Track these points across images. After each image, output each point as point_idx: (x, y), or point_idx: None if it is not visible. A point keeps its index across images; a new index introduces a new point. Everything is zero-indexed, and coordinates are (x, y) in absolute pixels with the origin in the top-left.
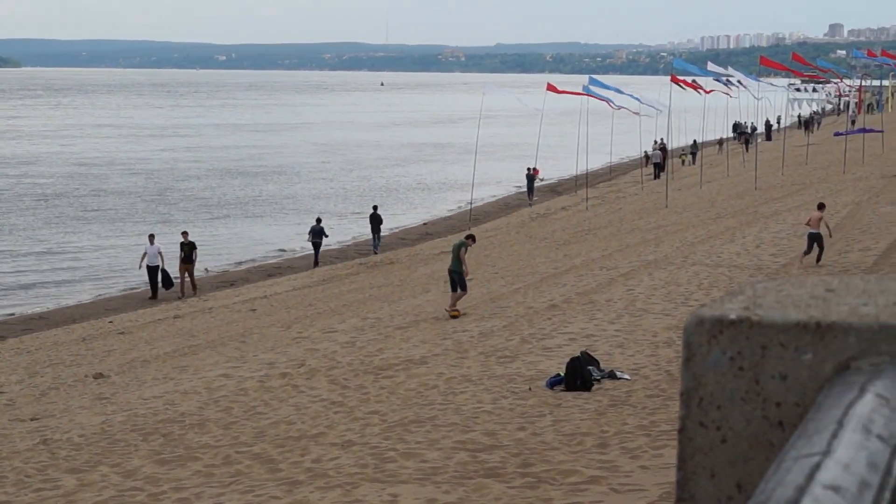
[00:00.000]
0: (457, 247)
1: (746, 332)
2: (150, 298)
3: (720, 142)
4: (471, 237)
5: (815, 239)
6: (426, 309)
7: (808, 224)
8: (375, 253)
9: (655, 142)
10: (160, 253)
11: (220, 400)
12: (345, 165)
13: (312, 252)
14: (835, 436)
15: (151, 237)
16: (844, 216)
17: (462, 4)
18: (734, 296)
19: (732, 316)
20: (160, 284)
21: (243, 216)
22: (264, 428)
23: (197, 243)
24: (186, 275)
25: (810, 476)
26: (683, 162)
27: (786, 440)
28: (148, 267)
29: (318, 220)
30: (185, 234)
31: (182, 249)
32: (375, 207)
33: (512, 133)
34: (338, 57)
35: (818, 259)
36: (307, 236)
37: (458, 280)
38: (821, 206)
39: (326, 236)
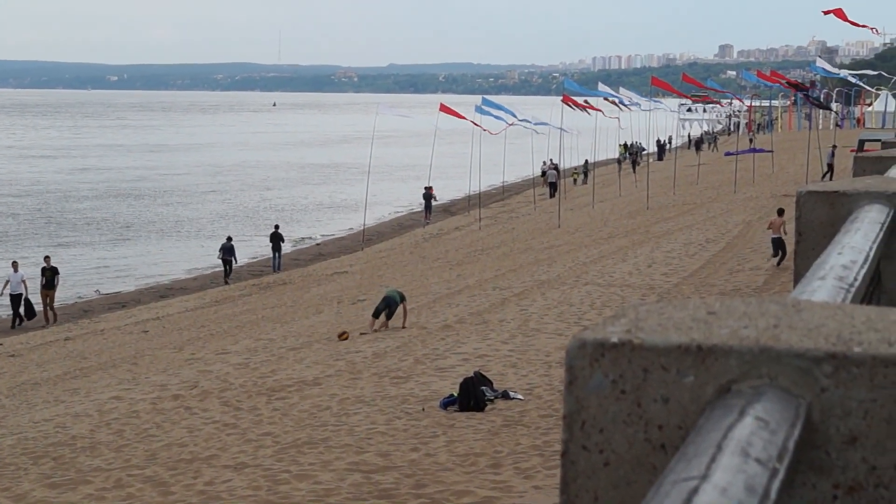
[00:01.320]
0: (399, 298)
1: (628, 355)
2: (11, 328)
3: (619, 161)
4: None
5: (777, 244)
6: (319, 330)
7: (769, 229)
8: (277, 272)
9: (545, 162)
10: (24, 281)
11: (112, 422)
12: (237, 186)
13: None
14: (713, 459)
15: (14, 264)
16: (735, 235)
17: (355, 25)
18: (616, 318)
19: (614, 339)
20: (23, 314)
21: (133, 238)
22: (156, 450)
23: (88, 265)
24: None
25: (688, 500)
26: (575, 181)
27: (668, 463)
28: (11, 295)
29: (229, 239)
30: (47, 258)
31: (43, 275)
32: (277, 227)
33: (405, 153)
34: (230, 77)
35: (779, 263)
36: (218, 253)
37: (393, 309)
38: (780, 212)
39: (235, 261)
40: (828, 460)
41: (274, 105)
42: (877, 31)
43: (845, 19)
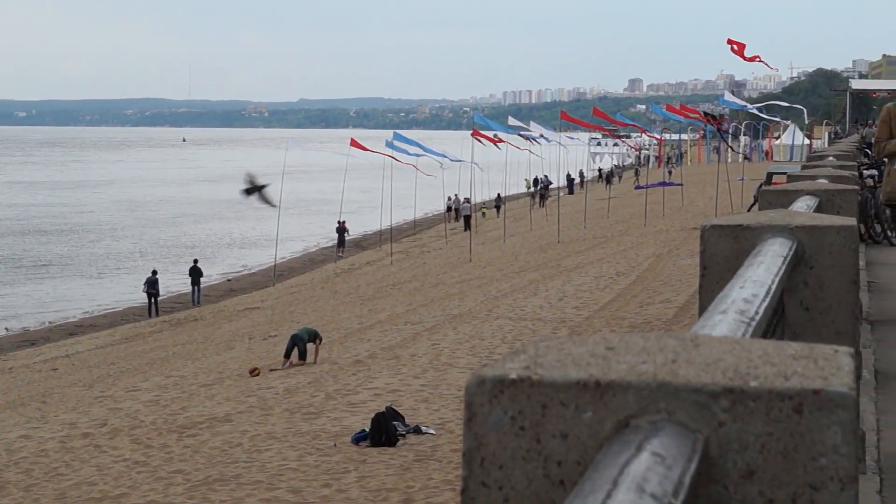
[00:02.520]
0: (307, 336)
1: (527, 391)
2: None
3: (532, 195)
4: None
5: None
6: (230, 366)
7: None
8: (196, 305)
9: (450, 197)
10: None
11: (21, 462)
12: (147, 223)
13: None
14: (609, 496)
15: None
16: (646, 269)
17: (265, 60)
18: (516, 355)
19: (513, 375)
20: None
21: (42, 275)
22: (66, 489)
23: None
24: None
25: None
26: (484, 214)
27: (566, 500)
28: None
29: (154, 272)
30: None
31: None
32: (196, 261)
33: (316, 188)
34: (140, 113)
35: None
36: (143, 287)
37: (301, 348)
38: None
39: (158, 293)
40: (725, 494)
41: (184, 140)
42: (767, 64)
43: (742, 56)
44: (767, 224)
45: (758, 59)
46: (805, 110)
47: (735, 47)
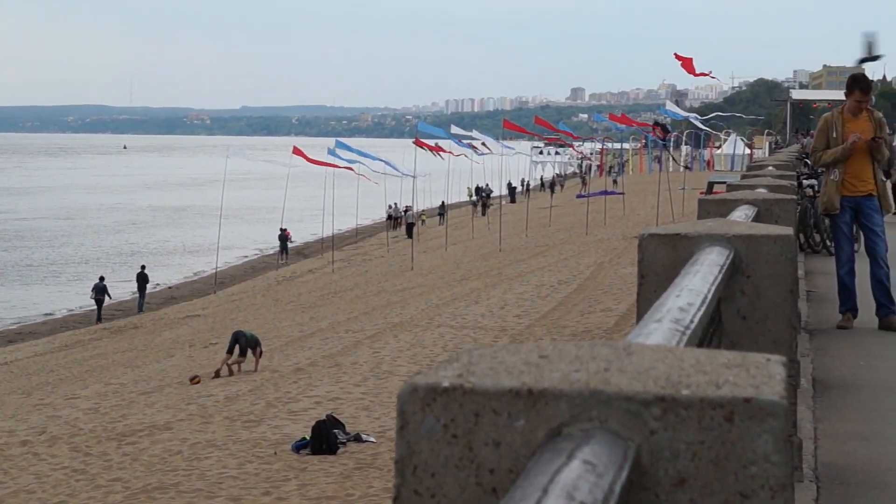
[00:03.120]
0: (253, 341)
1: (460, 399)
2: None
3: (474, 203)
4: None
5: None
6: (171, 374)
7: None
8: (140, 312)
9: (390, 206)
10: None
11: None
12: (87, 230)
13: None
14: (538, 503)
15: None
16: (587, 277)
17: (207, 67)
18: (449, 363)
19: (446, 384)
20: None
21: None
22: (3, 497)
23: None
24: None
25: None
26: (423, 221)
27: None
28: None
29: (101, 279)
30: None
31: None
32: (143, 267)
33: (258, 196)
34: (81, 119)
35: None
36: (91, 293)
37: (243, 344)
38: None
39: (110, 297)
40: (657, 502)
41: (125, 147)
42: (714, 76)
43: (692, 71)
44: (705, 233)
45: (709, 75)
46: (742, 117)
47: (682, 63)
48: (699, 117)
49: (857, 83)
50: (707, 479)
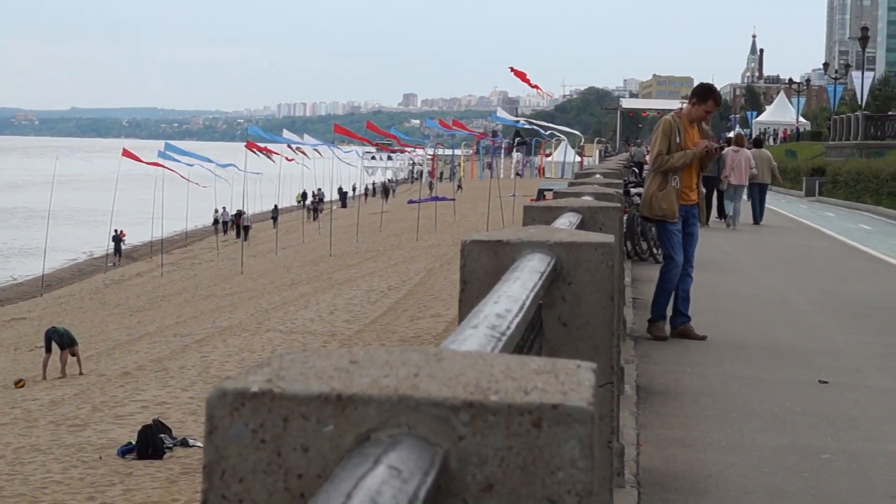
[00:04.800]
0: (69, 339)
1: (269, 404)
2: None
3: (307, 208)
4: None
5: None
6: None
7: None
8: None
9: (217, 210)
10: None
11: None
12: None
13: None
14: None
15: None
16: (417, 283)
17: (36, 67)
18: (260, 368)
19: (255, 388)
20: None
21: None
22: None
23: None
24: None
25: None
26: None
27: None
28: None
29: None
30: None
31: None
32: None
33: (87, 198)
34: None
35: None
36: None
37: (57, 340)
38: None
39: None
40: None
41: None
42: (543, 92)
43: (528, 82)
44: (527, 240)
45: (539, 89)
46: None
47: (517, 75)
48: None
49: (713, 94)
50: (514, 484)
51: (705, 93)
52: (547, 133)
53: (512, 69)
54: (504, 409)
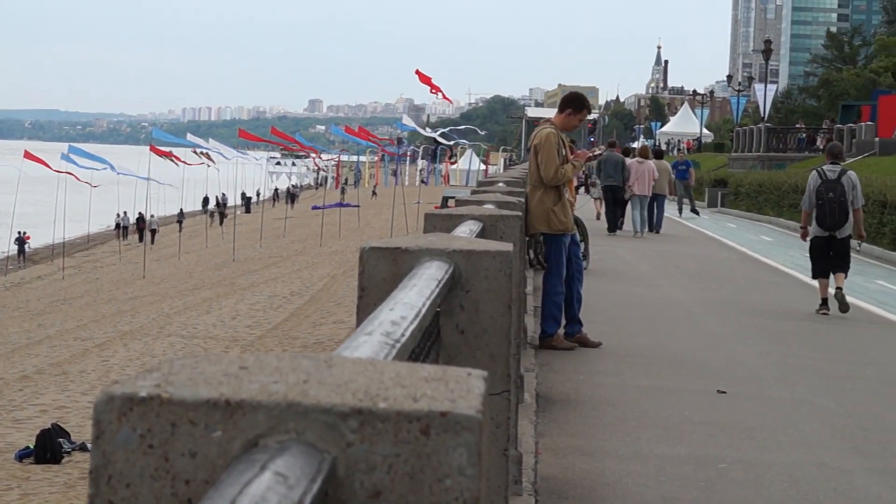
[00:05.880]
0: None
1: (157, 409)
2: None
3: (212, 213)
4: None
5: None
6: None
7: None
8: None
9: (118, 214)
10: None
11: None
12: None
13: None
14: None
15: None
16: (320, 289)
17: None
18: (149, 373)
19: (143, 393)
20: None
21: None
22: None
23: None
24: None
25: None
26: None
27: None
28: None
29: None
30: None
31: None
32: None
33: None
34: None
35: None
36: None
37: None
38: None
39: None
40: None
41: None
42: (442, 96)
43: (432, 86)
44: (426, 247)
45: (440, 94)
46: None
47: (423, 80)
48: (439, 132)
49: (585, 104)
50: (402, 491)
51: (581, 102)
52: (451, 143)
53: (418, 72)
54: (392, 416)
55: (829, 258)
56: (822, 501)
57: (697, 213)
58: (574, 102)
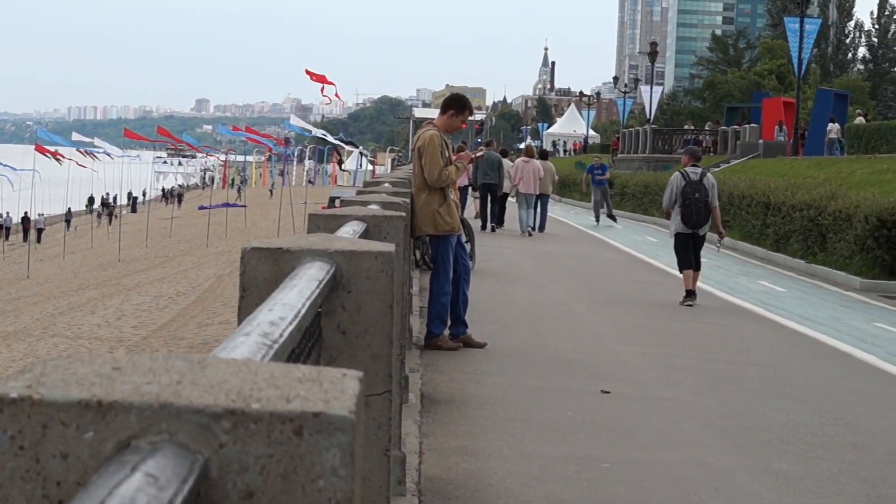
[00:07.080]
0: None
1: (28, 410)
2: None
3: (98, 213)
4: None
5: None
6: None
7: None
8: None
9: (0, 215)
10: None
11: None
12: None
13: None
14: None
15: None
16: (206, 289)
17: None
18: (21, 374)
19: (14, 394)
20: None
21: None
22: None
23: None
24: None
25: None
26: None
27: None
28: None
29: None
30: None
31: None
32: None
33: None
34: None
35: None
36: None
37: None
38: None
39: None
40: None
41: None
42: (340, 99)
43: (327, 81)
44: (307, 248)
45: (335, 89)
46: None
47: (314, 78)
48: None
49: (467, 105)
50: (275, 492)
51: (462, 103)
52: (335, 141)
53: (307, 71)
54: (265, 416)
55: (691, 253)
56: (704, 501)
57: (615, 220)
58: (456, 104)
